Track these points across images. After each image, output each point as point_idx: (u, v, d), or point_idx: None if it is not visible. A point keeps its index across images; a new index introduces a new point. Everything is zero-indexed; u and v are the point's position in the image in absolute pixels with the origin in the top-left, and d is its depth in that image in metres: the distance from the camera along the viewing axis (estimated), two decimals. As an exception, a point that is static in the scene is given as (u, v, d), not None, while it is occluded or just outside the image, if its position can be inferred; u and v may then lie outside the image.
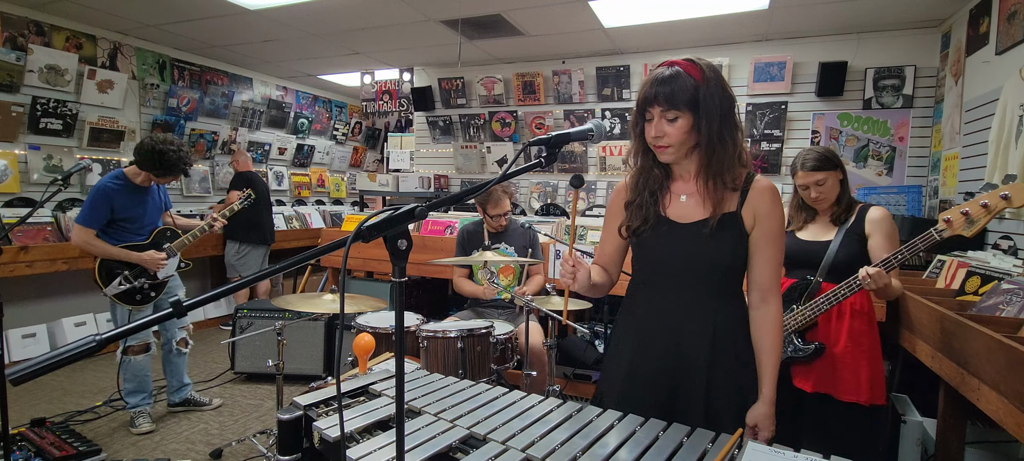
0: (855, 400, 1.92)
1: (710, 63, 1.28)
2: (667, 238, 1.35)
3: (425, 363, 2.43)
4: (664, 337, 1.35)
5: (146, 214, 3.00)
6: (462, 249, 3.13)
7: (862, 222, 1.98)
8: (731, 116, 1.28)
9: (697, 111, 1.24)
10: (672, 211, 1.36)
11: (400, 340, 0.85)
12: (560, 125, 5.04)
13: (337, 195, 7.29)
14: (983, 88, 2.97)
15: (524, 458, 1.09)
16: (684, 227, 1.33)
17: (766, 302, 1.33)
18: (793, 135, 4.33)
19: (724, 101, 1.26)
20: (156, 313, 0.76)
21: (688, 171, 1.35)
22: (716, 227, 1.29)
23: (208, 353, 4.49)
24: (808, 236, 2.09)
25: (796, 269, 2.09)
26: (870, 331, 1.99)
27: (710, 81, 1.25)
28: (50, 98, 4.22)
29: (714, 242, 1.29)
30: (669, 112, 1.25)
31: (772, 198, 1.31)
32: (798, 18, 3.89)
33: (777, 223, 1.31)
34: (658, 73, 1.27)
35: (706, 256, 1.31)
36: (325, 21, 4.25)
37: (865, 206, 2.03)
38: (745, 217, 1.31)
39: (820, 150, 2.04)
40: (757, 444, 1.12)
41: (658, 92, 1.25)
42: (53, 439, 2.65)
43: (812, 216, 2.11)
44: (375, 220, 0.83)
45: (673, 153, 1.29)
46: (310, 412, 1.40)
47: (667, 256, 1.36)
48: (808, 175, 2.01)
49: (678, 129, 1.26)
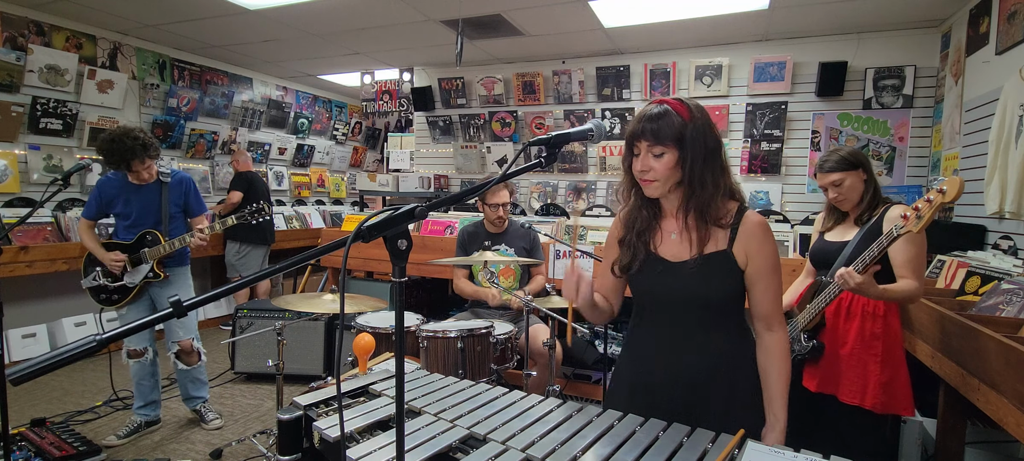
0: (857, 403, 1.90)
1: (699, 105, 1.31)
2: (659, 276, 1.37)
3: (425, 363, 2.43)
4: (662, 366, 1.38)
5: (135, 213, 2.85)
6: (462, 250, 3.12)
7: (880, 221, 1.94)
8: (717, 157, 1.30)
9: (682, 148, 1.27)
10: (663, 249, 1.38)
11: (400, 340, 0.85)
12: (560, 125, 5.04)
13: (337, 195, 7.29)
14: (983, 88, 2.97)
15: (524, 458, 1.09)
16: (673, 266, 1.35)
17: (771, 330, 1.34)
18: (793, 135, 4.33)
19: (710, 141, 1.29)
20: (155, 313, 0.76)
21: (675, 207, 1.37)
22: (702, 265, 1.31)
23: (208, 353, 4.48)
24: (834, 237, 2.08)
25: (821, 270, 2.09)
26: (885, 335, 1.93)
27: (697, 121, 1.28)
28: (50, 98, 4.21)
29: (701, 280, 1.31)
30: (656, 147, 1.27)
31: (763, 234, 1.32)
32: (798, 18, 3.89)
33: (769, 257, 1.33)
34: (647, 110, 1.30)
35: (695, 293, 1.33)
36: (325, 21, 4.25)
37: (889, 205, 1.98)
38: (737, 255, 1.32)
39: (843, 151, 2.02)
40: (757, 444, 1.12)
41: (645, 127, 1.28)
42: (53, 439, 2.65)
43: (842, 218, 2.09)
44: (375, 220, 0.83)
45: (658, 188, 1.31)
46: (310, 412, 1.40)
47: (660, 292, 1.38)
48: (825, 176, 2.01)
49: (663, 164, 1.28)
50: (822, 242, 2.11)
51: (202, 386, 3.18)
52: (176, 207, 2.94)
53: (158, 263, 2.88)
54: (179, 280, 3.02)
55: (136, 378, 2.97)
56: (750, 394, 1.34)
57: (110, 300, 2.88)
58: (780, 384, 1.32)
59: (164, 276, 2.90)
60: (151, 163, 2.82)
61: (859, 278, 1.74)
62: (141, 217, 2.86)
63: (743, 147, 4.43)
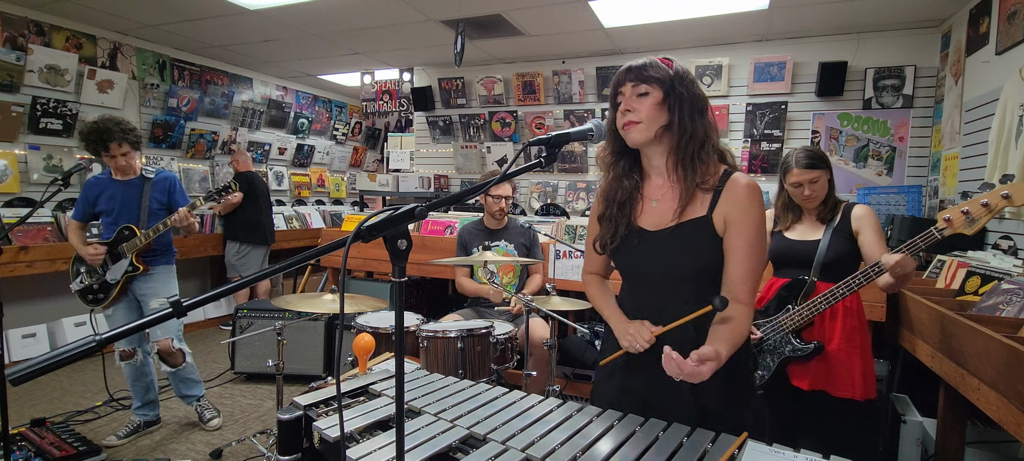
0: (850, 396, 1.95)
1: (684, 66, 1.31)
2: (636, 248, 1.33)
3: (425, 363, 2.43)
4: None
5: (117, 209, 2.83)
6: (462, 250, 3.13)
7: (848, 220, 2.01)
8: (704, 112, 1.28)
9: (668, 91, 1.25)
10: (644, 218, 1.34)
11: (400, 340, 0.85)
12: (560, 125, 5.04)
13: (337, 195, 7.29)
14: (983, 88, 2.97)
15: (524, 458, 1.09)
16: (653, 235, 1.31)
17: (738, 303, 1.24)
18: (793, 135, 4.33)
19: (696, 97, 1.28)
20: (144, 313, 0.76)
21: (659, 163, 1.32)
22: (681, 233, 1.26)
23: (208, 353, 4.49)
24: (797, 236, 2.10)
25: (787, 269, 2.10)
26: (861, 328, 2.02)
27: (683, 75, 1.28)
28: (50, 98, 4.21)
29: (679, 249, 1.27)
30: (640, 86, 1.26)
31: (747, 200, 1.24)
32: (798, 18, 3.89)
33: (748, 229, 1.23)
34: (630, 62, 1.30)
35: (672, 263, 1.29)
36: (325, 21, 4.25)
37: (849, 204, 2.05)
38: (716, 221, 1.25)
39: (812, 149, 2.05)
40: (757, 444, 1.12)
41: (630, 69, 1.28)
42: (53, 439, 2.65)
43: (799, 216, 2.12)
44: (375, 220, 0.83)
45: (642, 131, 1.26)
46: (310, 412, 1.40)
47: (640, 263, 1.35)
48: (804, 172, 2.01)
49: (647, 105, 1.25)
50: (787, 241, 2.11)
51: (194, 385, 3.13)
52: (158, 203, 2.90)
53: (138, 256, 2.83)
54: (162, 277, 2.94)
55: (130, 380, 2.97)
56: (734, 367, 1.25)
57: (96, 300, 2.87)
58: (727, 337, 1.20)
59: (143, 268, 2.84)
60: (131, 151, 2.81)
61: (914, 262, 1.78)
62: (123, 213, 2.84)
63: (743, 147, 4.43)
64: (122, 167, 2.83)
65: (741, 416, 1.31)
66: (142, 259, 2.86)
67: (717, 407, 1.28)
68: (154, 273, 2.91)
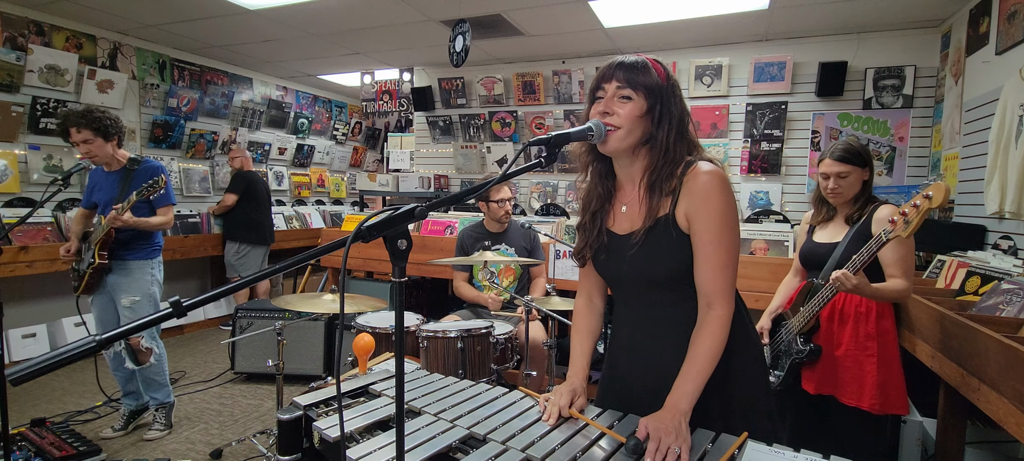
0: (856, 405, 1.91)
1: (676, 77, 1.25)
2: (611, 254, 1.29)
3: (425, 363, 2.43)
4: (628, 349, 1.33)
5: (103, 199, 2.83)
6: (462, 252, 3.12)
7: (869, 222, 1.93)
8: (687, 131, 1.22)
9: (653, 103, 1.17)
10: (616, 224, 1.30)
11: (400, 340, 0.85)
12: (560, 125, 5.04)
13: (337, 195, 7.29)
14: (983, 88, 2.97)
15: (524, 458, 1.09)
16: (621, 240, 1.26)
17: (711, 308, 1.17)
18: (793, 135, 4.33)
19: (683, 113, 1.21)
20: (155, 313, 0.76)
21: (630, 174, 1.26)
22: (646, 237, 1.19)
23: (208, 353, 4.49)
24: (823, 237, 2.07)
25: (812, 272, 2.08)
26: (880, 336, 1.93)
27: (674, 86, 1.21)
28: (50, 98, 4.21)
29: (643, 255, 1.21)
30: (625, 89, 1.16)
31: (705, 191, 1.14)
32: (798, 18, 3.89)
33: (711, 222, 1.14)
34: (622, 57, 1.20)
35: (639, 270, 1.23)
36: (325, 21, 4.25)
37: (876, 205, 1.96)
38: (679, 218, 1.17)
39: (852, 143, 1.98)
40: (757, 444, 1.12)
41: (619, 68, 1.18)
42: (53, 439, 2.65)
43: (831, 214, 2.08)
44: (375, 220, 0.82)
45: (620, 139, 1.17)
46: (310, 412, 1.40)
47: (615, 271, 1.31)
48: (833, 164, 1.95)
49: (629, 111, 1.16)
50: (812, 244, 2.10)
51: (159, 388, 3.00)
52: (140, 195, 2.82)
53: (101, 250, 2.74)
54: (136, 274, 2.84)
55: (111, 368, 3.00)
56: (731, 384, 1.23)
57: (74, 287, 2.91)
58: (696, 365, 1.14)
59: (99, 260, 2.73)
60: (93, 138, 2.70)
61: (855, 279, 1.76)
62: (108, 204, 2.77)
63: (743, 147, 4.43)
64: (91, 155, 2.75)
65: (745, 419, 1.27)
66: (111, 252, 2.78)
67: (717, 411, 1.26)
68: (127, 267, 2.84)
